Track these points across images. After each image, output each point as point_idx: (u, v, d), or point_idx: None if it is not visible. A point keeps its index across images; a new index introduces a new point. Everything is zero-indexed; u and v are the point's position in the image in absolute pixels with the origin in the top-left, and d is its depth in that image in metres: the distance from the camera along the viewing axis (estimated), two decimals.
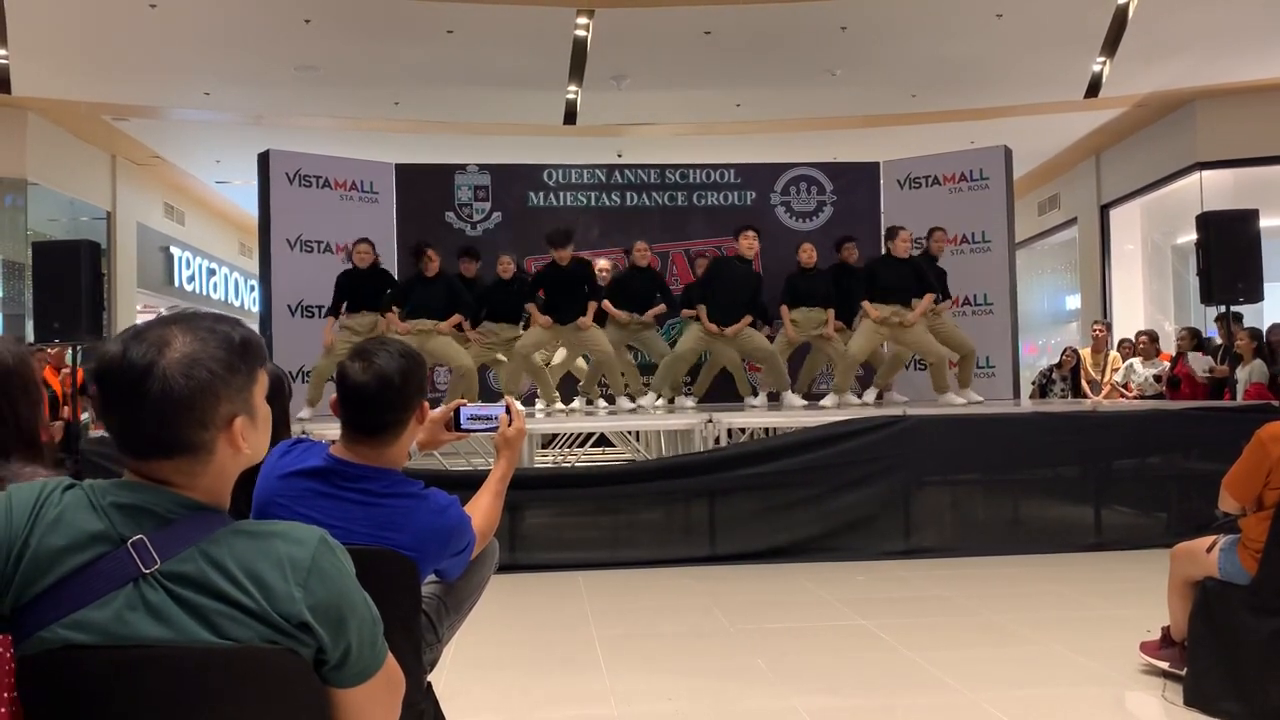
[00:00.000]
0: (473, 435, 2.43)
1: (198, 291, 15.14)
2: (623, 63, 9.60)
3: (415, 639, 2.06)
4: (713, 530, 5.88)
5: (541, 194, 9.47)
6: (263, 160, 8.73)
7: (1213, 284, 7.27)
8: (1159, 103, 11.05)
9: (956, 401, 7.34)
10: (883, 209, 9.46)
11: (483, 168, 9.42)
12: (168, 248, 14.10)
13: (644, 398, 7.58)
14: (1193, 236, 7.74)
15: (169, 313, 1.30)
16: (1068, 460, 6.31)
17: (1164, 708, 3.28)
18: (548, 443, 9.03)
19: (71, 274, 6.79)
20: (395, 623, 1.50)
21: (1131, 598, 4.66)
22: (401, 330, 7.02)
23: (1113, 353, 10.02)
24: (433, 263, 7.33)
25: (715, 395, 8.23)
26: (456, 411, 2.36)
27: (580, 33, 8.94)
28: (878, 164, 9.59)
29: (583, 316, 7.23)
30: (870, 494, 5.95)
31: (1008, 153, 9.24)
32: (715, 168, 9.60)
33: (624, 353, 7.90)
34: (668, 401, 7.57)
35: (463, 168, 9.41)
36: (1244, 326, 8.39)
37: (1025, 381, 10.64)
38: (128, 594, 1.10)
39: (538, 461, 8.15)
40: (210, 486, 1.18)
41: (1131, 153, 12.45)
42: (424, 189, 9.26)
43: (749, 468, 5.90)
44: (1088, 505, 6.19)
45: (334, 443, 2.06)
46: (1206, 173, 11.04)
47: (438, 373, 8.43)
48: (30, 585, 1.10)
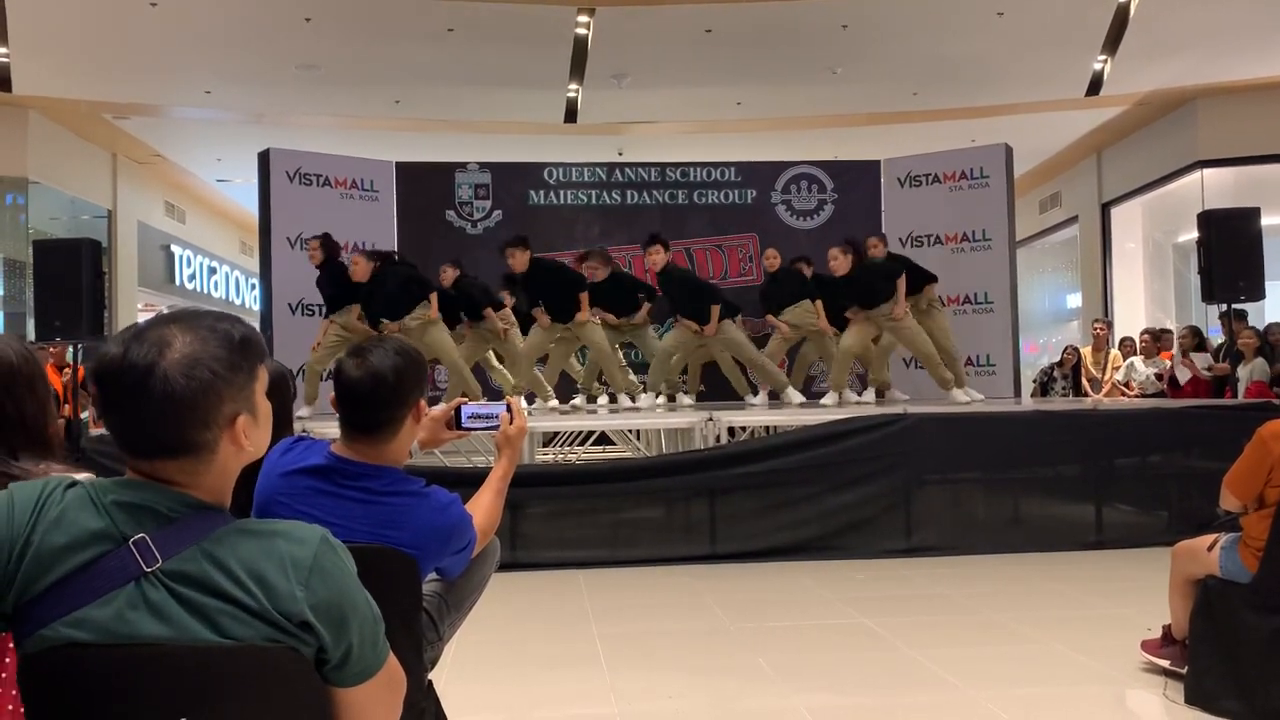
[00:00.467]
0: (474, 434, 2.43)
1: (199, 290, 15.13)
2: (623, 61, 9.59)
3: (416, 637, 2.06)
4: (713, 529, 5.88)
5: (542, 192, 9.47)
6: (263, 159, 8.73)
7: (1214, 282, 7.27)
8: (1160, 101, 11.03)
9: (959, 400, 7.34)
10: (883, 207, 9.46)
11: (483, 166, 9.42)
12: (169, 246, 14.09)
13: (643, 397, 7.57)
14: (1194, 235, 7.72)
15: (169, 311, 1.30)
16: (1068, 459, 6.31)
17: (1165, 706, 3.28)
18: (548, 441, 9.04)
19: (72, 272, 6.78)
20: (396, 621, 1.50)
21: (1132, 596, 4.67)
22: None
23: (1114, 351, 10.01)
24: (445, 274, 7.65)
25: (715, 394, 8.23)
26: (457, 410, 2.36)
27: (581, 31, 8.94)
28: (878, 162, 9.59)
29: (579, 311, 7.22)
30: (871, 492, 5.95)
31: (1008, 151, 9.23)
32: (716, 166, 9.60)
33: (618, 352, 7.89)
34: (668, 400, 7.57)
35: (463, 166, 9.41)
36: (1247, 324, 8.38)
37: (1026, 380, 10.64)
38: (129, 592, 1.10)
39: (539, 459, 8.15)
40: (212, 485, 1.18)
41: (1132, 151, 12.43)
42: (424, 187, 9.26)
43: (749, 466, 5.90)
44: (1088, 503, 6.19)
45: (335, 441, 2.06)
46: (1208, 171, 11.03)
47: (439, 371, 8.43)
48: (32, 583, 1.10)
